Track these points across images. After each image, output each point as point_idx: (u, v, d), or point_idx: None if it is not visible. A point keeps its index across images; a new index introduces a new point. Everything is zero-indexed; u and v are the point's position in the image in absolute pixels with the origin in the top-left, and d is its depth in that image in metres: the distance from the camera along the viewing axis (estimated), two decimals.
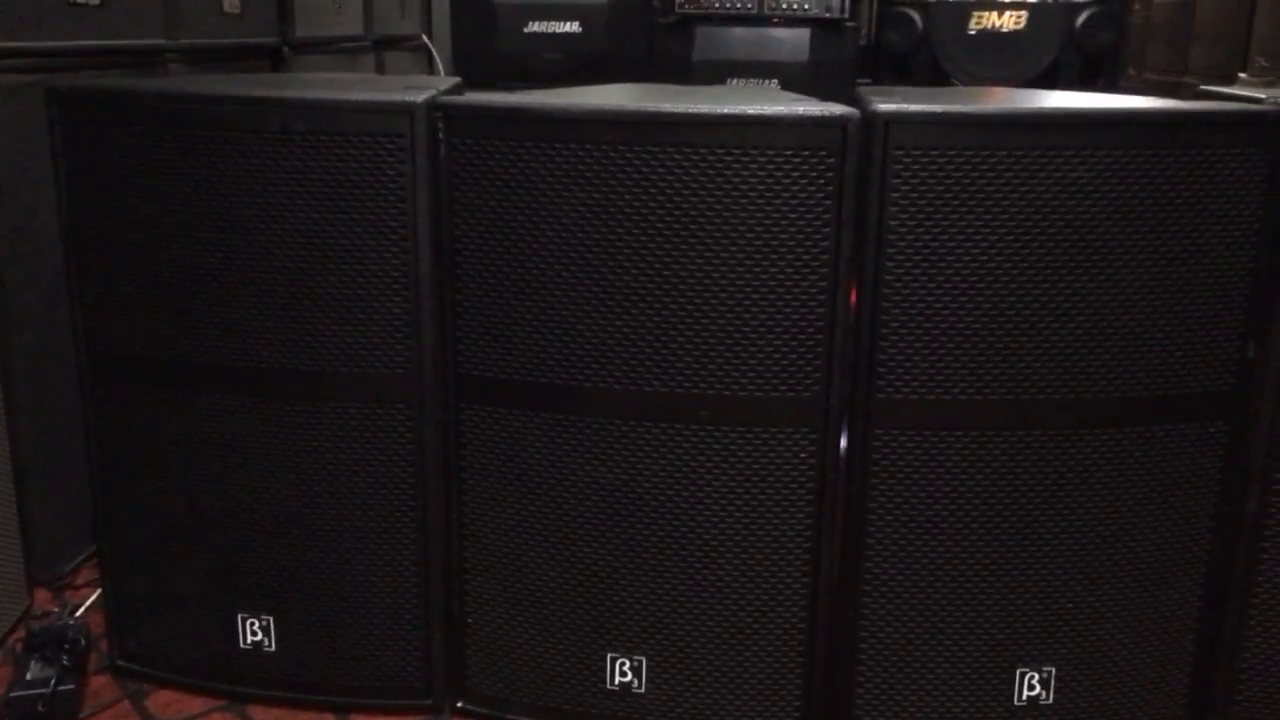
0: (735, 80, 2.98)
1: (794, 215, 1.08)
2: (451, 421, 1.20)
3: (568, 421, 1.16)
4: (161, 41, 1.82)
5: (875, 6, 3.23)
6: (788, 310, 1.10)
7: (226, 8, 2.02)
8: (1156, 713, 1.24)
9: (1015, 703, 1.21)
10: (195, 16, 1.91)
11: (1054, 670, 1.20)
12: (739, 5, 3.01)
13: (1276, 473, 1.17)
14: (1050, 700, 1.21)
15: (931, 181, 1.06)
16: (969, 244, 1.08)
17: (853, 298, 1.11)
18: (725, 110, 1.06)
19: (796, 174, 1.07)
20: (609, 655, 1.22)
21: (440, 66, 3.27)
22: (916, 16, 3.05)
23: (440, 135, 1.12)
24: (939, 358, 1.11)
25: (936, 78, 3.06)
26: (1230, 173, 1.09)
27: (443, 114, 1.12)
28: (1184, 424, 1.15)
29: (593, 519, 1.18)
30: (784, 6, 2.99)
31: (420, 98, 1.12)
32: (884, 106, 1.06)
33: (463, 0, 3.12)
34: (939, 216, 1.07)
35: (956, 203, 1.07)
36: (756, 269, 1.09)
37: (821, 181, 1.07)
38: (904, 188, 1.07)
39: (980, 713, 1.21)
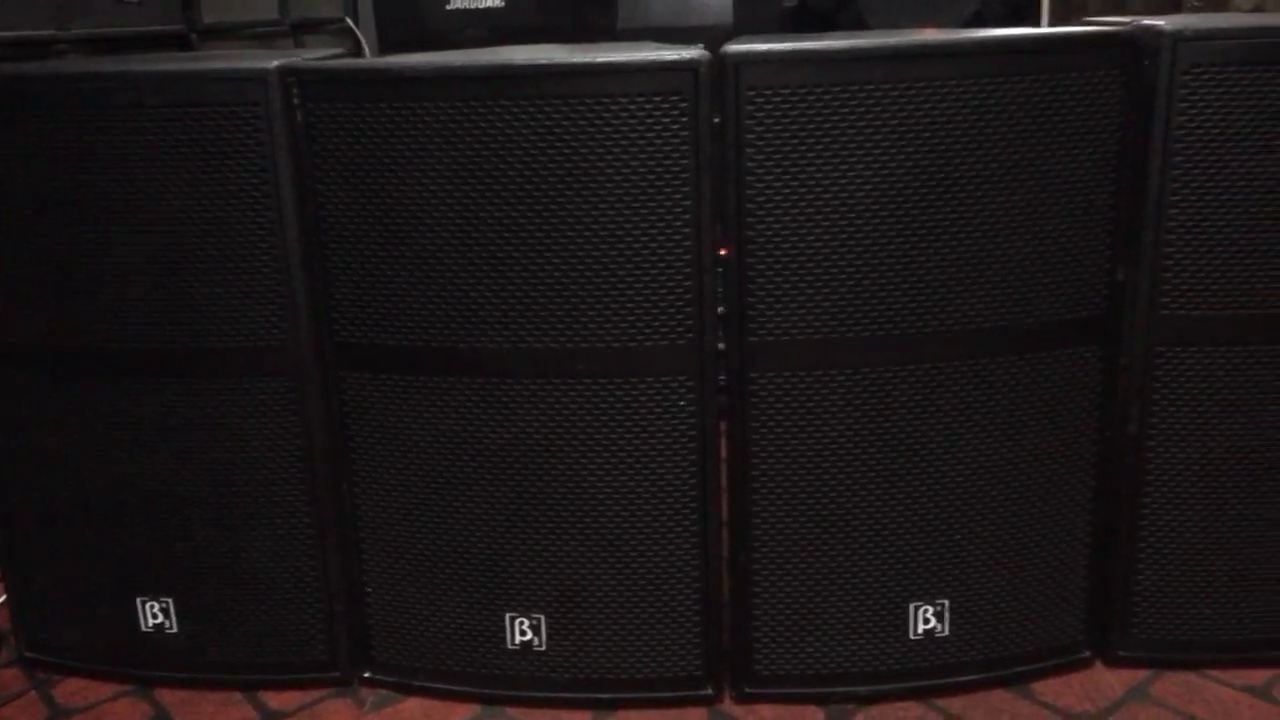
0: None
1: (652, 162, 1.07)
2: (333, 390, 1.20)
3: (446, 383, 1.16)
4: (52, 32, 1.80)
5: None
6: (654, 258, 1.10)
7: None
8: (1055, 640, 1.26)
9: (911, 636, 1.22)
10: (90, 4, 1.88)
11: (948, 603, 1.21)
12: None
13: (1154, 395, 1.18)
14: (946, 632, 1.22)
15: (786, 120, 1.06)
16: (830, 181, 1.08)
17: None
18: (576, 60, 1.05)
19: (650, 120, 1.06)
20: (508, 615, 1.22)
21: (366, 49, 3.24)
22: None
23: (295, 101, 1.11)
24: (809, 298, 1.11)
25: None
26: (1086, 96, 1.09)
27: (296, 79, 1.11)
28: (1059, 350, 1.16)
29: (480, 480, 1.18)
30: None
31: (273, 64, 1.10)
32: (733, 48, 1.06)
33: None
34: (797, 155, 1.07)
35: (813, 140, 1.06)
36: (619, 218, 1.09)
37: (676, 126, 1.06)
38: (758, 128, 1.06)
39: (878, 648, 1.22)
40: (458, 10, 3.07)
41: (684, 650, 1.22)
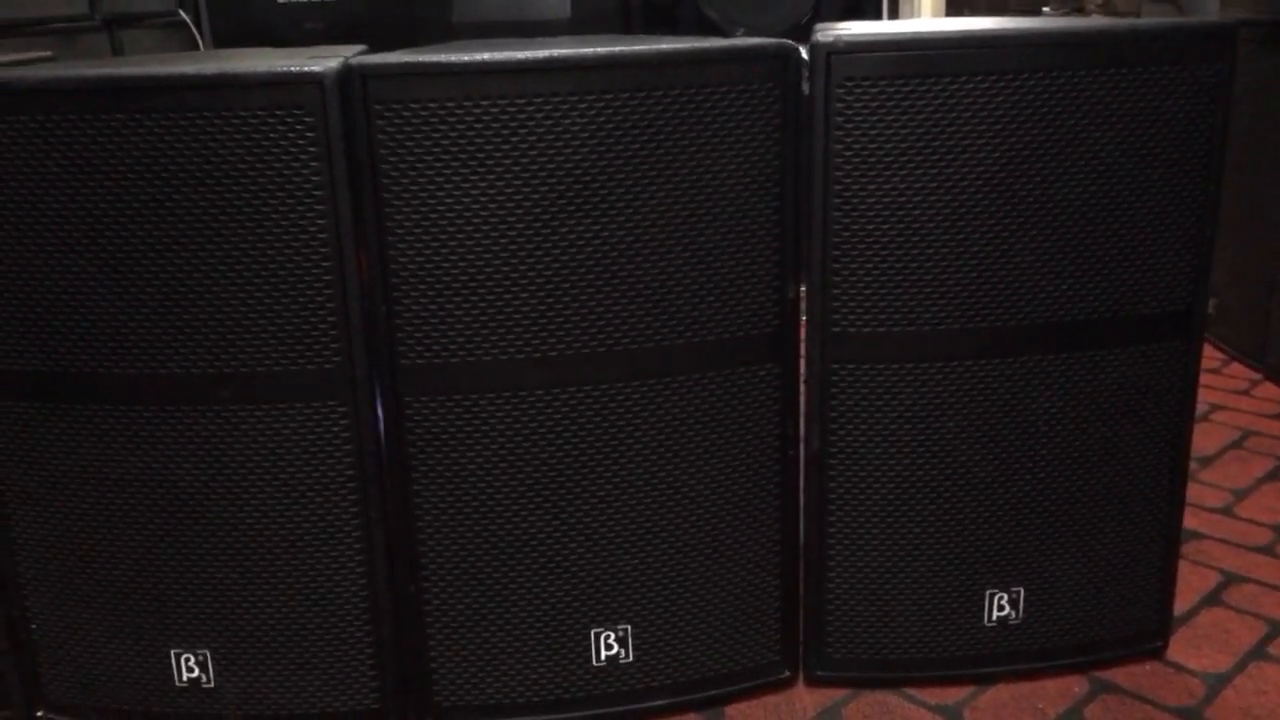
0: None
1: (281, 179, 1.02)
2: None
3: (89, 412, 1.10)
4: None
5: None
6: (293, 279, 1.05)
7: None
8: (751, 661, 1.24)
9: (595, 663, 1.18)
10: None
11: (630, 628, 1.18)
12: None
13: (832, 412, 1.16)
14: (631, 658, 1.19)
15: (418, 137, 1.02)
16: (469, 199, 1.03)
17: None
18: (189, 71, 1.00)
19: (276, 135, 1.01)
20: (173, 652, 1.17)
21: (202, 44, 3.14)
22: None
23: None
24: (458, 319, 1.07)
25: (703, 28, 3.02)
26: (741, 110, 1.06)
27: None
28: (734, 369, 1.13)
29: (135, 513, 1.12)
30: None
31: None
32: (357, 60, 1.01)
33: None
34: (432, 173, 1.02)
35: (448, 157, 1.02)
36: (252, 238, 1.03)
37: (303, 142, 1.01)
38: (390, 143, 1.02)
39: (560, 676, 1.18)
40: (289, 4, 2.99)
41: (360, 683, 1.17)
